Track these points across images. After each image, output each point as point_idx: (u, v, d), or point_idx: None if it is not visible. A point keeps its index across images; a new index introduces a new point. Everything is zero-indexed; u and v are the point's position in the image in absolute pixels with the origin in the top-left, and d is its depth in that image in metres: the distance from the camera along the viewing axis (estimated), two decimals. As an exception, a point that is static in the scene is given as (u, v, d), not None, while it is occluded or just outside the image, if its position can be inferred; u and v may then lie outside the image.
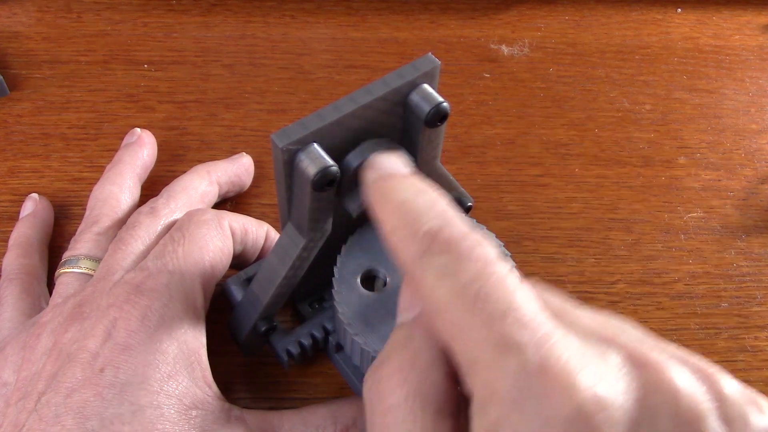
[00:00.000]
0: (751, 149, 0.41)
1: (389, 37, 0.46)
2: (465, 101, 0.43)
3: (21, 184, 0.37)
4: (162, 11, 0.46)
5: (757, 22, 0.50)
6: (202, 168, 0.34)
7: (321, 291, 0.30)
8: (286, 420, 0.26)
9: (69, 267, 0.30)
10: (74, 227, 0.35)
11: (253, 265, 0.31)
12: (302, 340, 0.28)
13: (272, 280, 0.26)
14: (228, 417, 0.26)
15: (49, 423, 0.23)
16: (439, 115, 0.23)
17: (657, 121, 0.43)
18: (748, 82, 0.45)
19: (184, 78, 0.43)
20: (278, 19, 0.46)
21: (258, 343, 0.29)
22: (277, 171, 0.23)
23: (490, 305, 0.16)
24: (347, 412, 0.27)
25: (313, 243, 0.25)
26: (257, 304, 0.27)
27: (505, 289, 0.17)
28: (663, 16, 0.49)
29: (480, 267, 0.17)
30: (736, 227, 0.37)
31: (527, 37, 0.47)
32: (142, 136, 0.36)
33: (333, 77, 0.43)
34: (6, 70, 0.42)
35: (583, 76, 0.45)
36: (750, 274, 0.36)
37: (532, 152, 0.40)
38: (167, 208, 0.31)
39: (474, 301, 0.17)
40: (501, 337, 0.16)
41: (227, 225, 0.30)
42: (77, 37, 0.44)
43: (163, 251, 0.28)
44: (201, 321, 0.27)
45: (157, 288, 0.26)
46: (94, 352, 0.25)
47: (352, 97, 0.22)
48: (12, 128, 0.39)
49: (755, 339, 0.33)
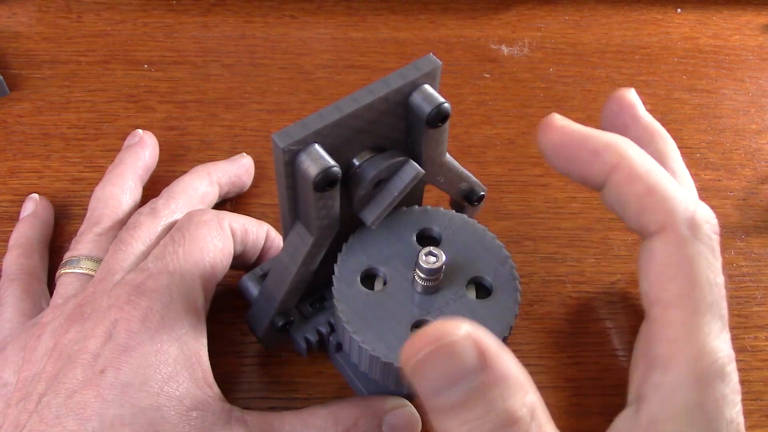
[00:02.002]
0: (751, 149, 0.41)
1: (389, 37, 0.46)
2: (465, 101, 0.43)
3: (21, 184, 0.37)
4: (162, 11, 0.46)
5: (757, 22, 0.50)
6: (203, 169, 0.34)
7: (322, 290, 0.30)
8: (287, 421, 0.26)
9: (70, 267, 0.30)
10: (74, 227, 0.35)
11: (268, 261, 0.31)
12: (320, 328, 0.29)
13: (284, 277, 0.26)
14: (228, 418, 0.26)
15: (50, 424, 0.23)
16: (441, 116, 0.23)
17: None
18: (748, 82, 0.45)
19: (184, 78, 0.43)
20: (278, 19, 0.46)
21: (277, 337, 0.29)
22: (278, 171, 0.23)
23: (718, 302, 0.21)
24: (348, 413, 0.27)
25: (321, 240, 0.25)
26: (272, 300, 0.27)
27: (723, 291, 0.22)
28: (663, 16, 0.49)
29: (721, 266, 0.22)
30: (736, 227, 0.37)
31: (527, 37, 0.47)
32: (143, 137, 0.36)
33: (333, 77, 0.43)
34: (6, 70, 0.42)
35: (583, 76, 0.45)
36: (750, 274, 0.36)
37: (532, 152, 0.40)
38: (167, 208, 0.31)
39: (715, 293, 0.21)
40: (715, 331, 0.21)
41: (227, 225, 0.30)
42: (77, 37, 0.44)
43: (163, 252, 0.28)
44: (202, 322, 0.27)
45: (157, 289, 0.26)
46: (95, 353, 0.25)
47: (354, 98, 0.22)
48: (12, 128, 0.39)
49: (755, 339, 0.33)
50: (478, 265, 0.26)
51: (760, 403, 0.31)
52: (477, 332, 0.18)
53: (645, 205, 0.22)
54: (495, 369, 0.18)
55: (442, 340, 0.18)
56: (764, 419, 0.31)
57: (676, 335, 0.20)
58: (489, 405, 0.18)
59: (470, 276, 0.25)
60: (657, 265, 0.21)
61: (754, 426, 0.30)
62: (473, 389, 0.18)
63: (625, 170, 0.22)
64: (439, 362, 0.18)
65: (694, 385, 0.20)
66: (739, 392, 0.21)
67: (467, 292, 0.25)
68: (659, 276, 0.21)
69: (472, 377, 0.18)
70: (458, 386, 0.18)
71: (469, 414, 0.18)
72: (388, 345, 0.24)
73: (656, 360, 0.21)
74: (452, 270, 0.25)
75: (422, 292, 0.25)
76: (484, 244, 0.26)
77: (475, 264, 0.26)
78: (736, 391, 0.20)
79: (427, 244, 0.25)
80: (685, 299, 0.21)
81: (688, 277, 0.21)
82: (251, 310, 0.29)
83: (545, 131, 0.24)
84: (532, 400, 0.19)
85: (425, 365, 0.18)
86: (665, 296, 0.21)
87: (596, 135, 0.23)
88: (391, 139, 0.25)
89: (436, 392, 0.18)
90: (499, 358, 0.18)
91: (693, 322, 0.20)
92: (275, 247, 0.32)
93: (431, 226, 0.27)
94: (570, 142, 0.24)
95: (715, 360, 0.20)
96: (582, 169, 0.24)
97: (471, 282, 0.25)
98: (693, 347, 0.20)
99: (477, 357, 0.18)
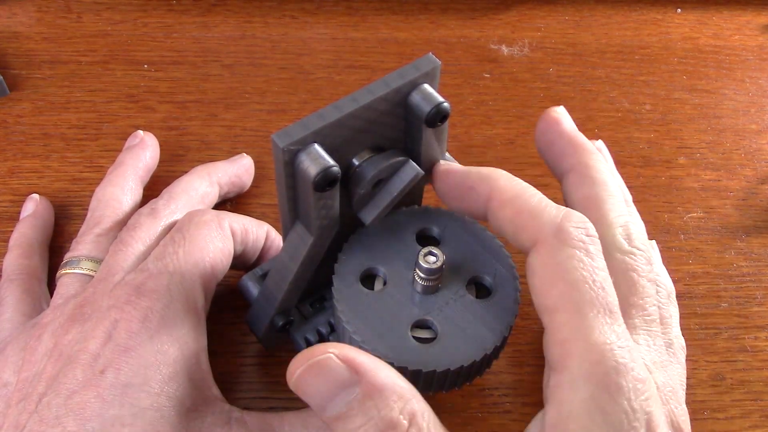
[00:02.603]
0: (751, 149, 0.41)
1: (389, 37, 0.46)
2: (465, 101, 0.43)
3: (21, 184, 0.37)
4: (162, 11, 0.46)
5: (757, 22, 0.50)
6: (203, 169, 0.34)
7: (322, 290, 0.30)
8: (287, 422, 0.26)
9: (70, 268, 0.30)
10: (74, 227, 0.35)
11: (268, 261, 0.31)
12: (320, 328, 0.29)
13: (285, 277, 0.26)
14: (228, 419, 0.26)
15: (50, 424, 0.23)
16: (440, 115, 0.23)
17: (657, 121, 0.43)
18: (748, 82, 0.45)
19: (184, 78, 0.43)
20: (278, 19, 0.46)
21: (277, 337, 0.29)
22: (278, 171, 0.23)
23: (603, 299, 0.22)
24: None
25: (321, 240, 0.25)
26: (272, 300, 0.27)
27: (612, 289, 0.23)
28: (663, 16, 0.49)
29: (603, 264, 0.23)
30: (736, 227, 0.37)
31: (527, 37, 0.47)
32: (144, 138, 0.36)
33: (333, 77, 0.43)
34: (6, 70, 0.42)
35: (583, 76, 0.45)
36: (750, 274, 0.36)
37: (532, 152, 0.40)
38: (168, 209, 0.31)
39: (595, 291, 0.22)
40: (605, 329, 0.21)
41: (227, 225, 0.30)
42: (77, 37, 0.44)
43: (163, 252, 0.28)
44: (202, 322, 0.27)
45: (157, 289, 0.26)
46: (95, 353, 0.25)
47: (353, 97, 0.22)
48: (12, 128, 0.39)
49: (755, 339, 0.33)
50: (478, 265, 0.26)
51: (760, 403, 0.31)
52: (346, 350, 0.21)
53: (517, 226, 0.23)
54: (369, 382, 0.20)
55: (312, 359, 0.21)
56: (764, 419, 0.31)
57: (564, 336, 0.21)
58: (367, 414, 0.20)
59: (470, 276, 0.25)
60: (536, 277, 0.22)
61: (754, 426, 0.30)
62: (351, 401, 0.20)
63: (496, 198, 0.24)
64: (314, 378, 0.21)
65: (588, 381, 0.20)
66: (647, 381, 0.21)
67: (467, 292, 0.25)
68: (540, 286, 0.22)
69: (348, 390, 0.20)
70: (337, 400, 0.20)
71: (352, 424, 0.20)
72: (388, 345, 0.24)
73: (552, 363, 0.22)
74: (452, 270, 0.25)
75: (422, 292, 0.25)
76: (484, 244, 0.26)
77: (475, 264, 0.26)
78: (641, 380, 0.21)
79: (427, 244, 0.25)
80: (565, 302, 0.21)
81: (564, 280, 0.22)
82: (251, 310, 0.29)
83: (437, 180, 0.26)
84: (412, 407, 0.20)
85: (303, 382, 0.21)
86: (549, 303, 0.22)
87: (471, 172, 0.25)
88: (391, 138, 0.25)
89: (322, 407, 0.21)
90: (372, 372, 0.21)
91: (577, 322, 0.21)
92: (275, 247, 0.32)
93: (431, 226, 0.27)
94: (453, 184, 0.25)
95: (604, 352, 0.20)
96: (467, 205, 0.25)
97: (471, 282, 0.25)
98: (581, 345, 0.21)
99: (348, 371, 0.20)
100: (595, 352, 0.20)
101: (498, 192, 0.24)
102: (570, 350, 0.21)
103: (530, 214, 0.23)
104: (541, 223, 0.23)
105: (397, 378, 0.21)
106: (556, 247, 0.22)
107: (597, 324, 0.21)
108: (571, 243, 0.22)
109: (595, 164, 0.27)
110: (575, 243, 0.22)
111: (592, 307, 0.21)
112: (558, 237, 0.22)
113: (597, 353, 0.20)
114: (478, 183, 0.25)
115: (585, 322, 0.21)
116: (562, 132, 0.28)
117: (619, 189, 0.27)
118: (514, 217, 0.23)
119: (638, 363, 0.21)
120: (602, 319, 0.21)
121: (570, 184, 0.27)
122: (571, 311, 0.21)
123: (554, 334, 0.22)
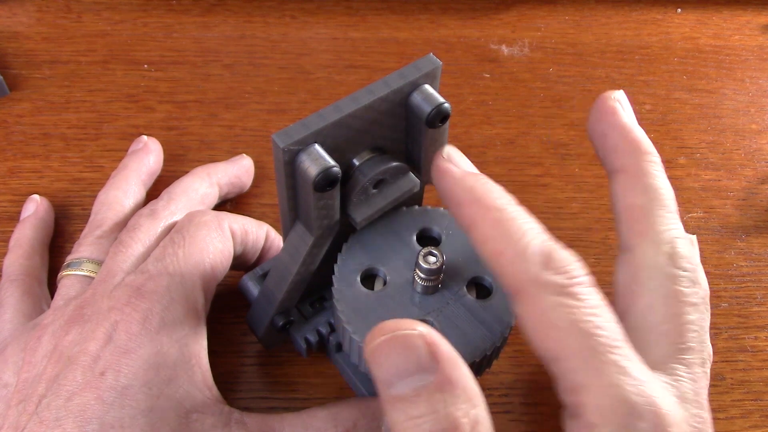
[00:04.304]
0: (751, 149, 0.41)
1: (389, 37, 0.46)
2: (465, 101, 0.43)
3: (21, 184, 0.37)
4: (162, 11, 0.46)
5: (757, 22, 0.50)
6: (203, 170, 0.34)
7: (322, 290, 0.30)
8: (287, 423, 0.26)
9: (71, 269, 0.30)
10: (74, 228, 0.35)
11: (268, 261, 0.31)
12: (320, 328, 0.29)
13: (285, 277, 0.26)
14: (228, 420, 0.26)
15: (50, 426, 0.23)
16: (440, 116, 0.23)
17: (657, 121, 0.43)
18: (748, 82, 0.45)
19: (184, 78, 0.43)
20: (278, 19, 0.46)
21: (277, 337, 0.29)
22: (278, 171, 0.23)
23: (602, 338, 0.20)
24: (348, 414, 0.27)
25: (321, 239, 0.25)
26: (273, 300, 0.27)
27: (611, 325, 0.21)
28: (663, 16, 0.49)
29: (595, 302, 0.21)
30: (736, 227, 0.37)
31: (527, 37, 0.47)
32: (148, 143, 0.36)
33: (333, 77, 0.43)
34: (6, 70, 0.42)
35: (583, 76, 0.45)
36: (750, 274, 0.36)
37: (532, 152, 0.40)
38: (167, 210, 0.31)
39: (590, 333, 0.20)
40: (612, 369, 0.20)
41: (227, 226, 0.30)
42: (77, 37, 0.44)
43: (163, 253, 0.28)
44: (202, 323, 0.27)
45: (157, 290, 0.26)
46: (95, 355, 0.25)
47: (354, 98, 0.22)
48: (12, 128, 0.39)
49: (755, 339, 0.33)
50: (478, 265, 0.26)
51: (760, 403, 0.31)
52: (432, 334, 0.20)
53: (496, 270, 0.22)
54: (445, 373, 0.19)
55: (398, 331, 0.19)
56: (764, 419, 0.31)
57: (571, 384, 0.20)
58: (432, 405, 0.19)
59: (470, 276, 0.25)
60: (528, 329, 0.21)
61: (754, 426, 0.30)
62: (421, 387, 0.19)
63: (478, 230, 0.22)
64: (393, 352, 0.19)
65: (606, 427, 0.19)
66: (667, 416, 0.20)
67: (467, 292, 0.25)
68: (534, 337, 0.21)
69: (422, 375, 0.19)
70: (408, 381, 0.19)
71: (414, 410, 0.19)
72: None
73: (567, 410, 0.21)
74: (452, 270, 0.25)
75: (422, 292, 0.25)
76: None
77: (475, 264, 0.26)
78: (661, 416, 0.20)
79: (427, 244, 0.25)
80: (564, 349, 0.20)
81: (555, 329, 0.20)
82: (251, 310, 0.29)
83: (434, 176, 0.24)
84: (477, 413, 0.19)
85: (381, 352, 0.19)
86: (549, 354, 0.21)
87: (462, 184, 0.23)
88: (391, 139, 0.25)
89: (389, 383, 0.19)
90: (451, 365, 0.19)
91: (581, 367, 0.20)
92: (275, 247, 0.32)
93: (431, 226, 0.27)
94: (447, 187, 0.24)
95: (616, 396, 0.20)
96: (455, 217, 0.24)
97: (471, 282, 0.25)
98: (592, 391, 0.20)
99: (429, 356, 0.19)
100: (607, 395, 0.20)
101: (481, 222, 0.22)
102: (581, 399, 0.20)
103: (510, 259, 0.21)
104: (520, 270, 0.21)
105: (472, 379, 0.20)
106: (539, 297, 0.21)
107: (602, 366, 0.20)
108: (554, 292, 0.21)
109: (650, 169, 0.25)
110: (558, 290, 0.21)
111: (593, 351, 0.20)
112: (539, 287, 0.21)
113: (609, 397, 0.20)
114: (465, 202, 0.23)
115: (589, 365, 0.20)
116: (617, 124, 0.25)
117: (672, 199, 0.25)
118: (495, 257, 0.22)
119: (658, 398, 0.20)
120: (607, 358, 0.20)
121: (619, 186, 0.25)
122: (573, 358, 0.20)
123: (562, 383, 0.21)
